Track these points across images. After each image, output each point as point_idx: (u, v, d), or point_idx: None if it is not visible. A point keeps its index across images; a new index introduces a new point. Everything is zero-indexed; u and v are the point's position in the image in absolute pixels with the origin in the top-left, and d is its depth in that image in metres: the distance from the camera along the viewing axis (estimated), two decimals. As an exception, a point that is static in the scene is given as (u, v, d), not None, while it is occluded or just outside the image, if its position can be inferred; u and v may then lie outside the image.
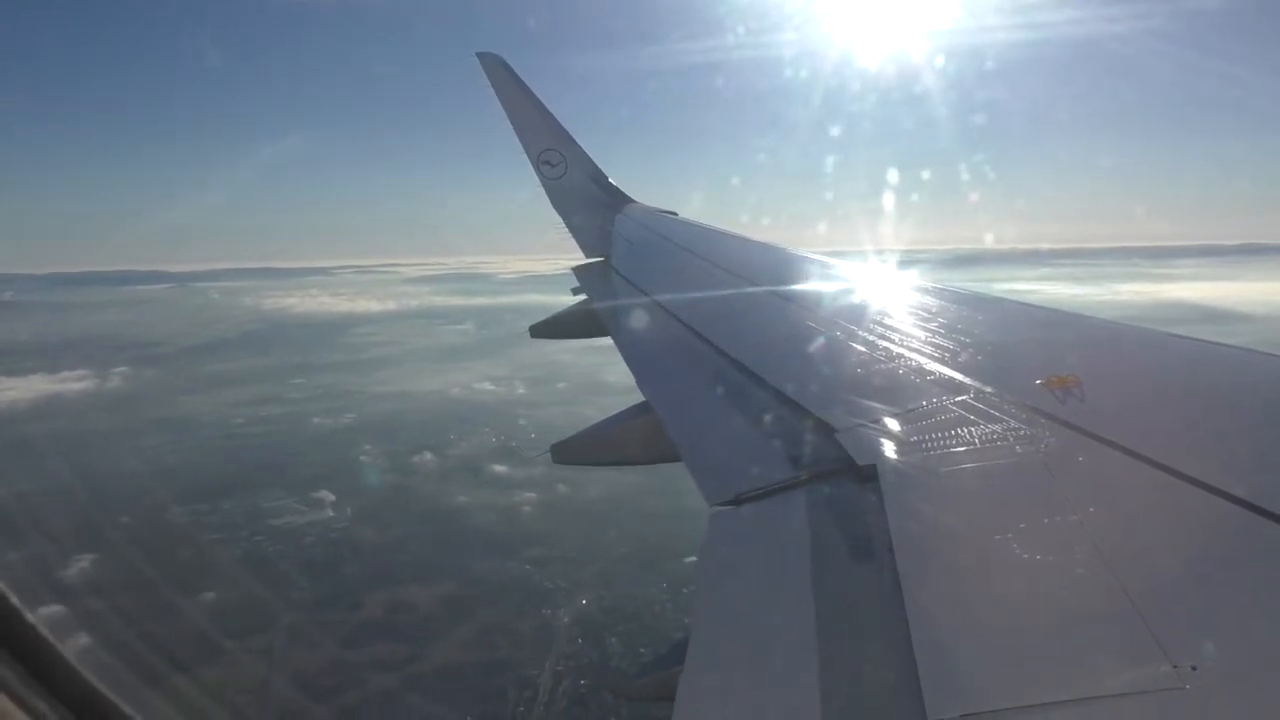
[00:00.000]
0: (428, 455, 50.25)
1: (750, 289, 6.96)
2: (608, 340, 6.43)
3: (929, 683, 1.77)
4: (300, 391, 75.68)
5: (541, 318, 8.65)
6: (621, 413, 4.83)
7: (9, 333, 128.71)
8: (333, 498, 42.52)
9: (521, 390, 72.77)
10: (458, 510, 41.90)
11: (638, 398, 4.66)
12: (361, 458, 50.66)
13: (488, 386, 74.61)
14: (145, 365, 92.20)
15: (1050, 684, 1.74)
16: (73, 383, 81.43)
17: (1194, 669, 1.69)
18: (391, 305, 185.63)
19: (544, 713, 24.66)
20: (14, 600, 1.57)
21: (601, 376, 66.95)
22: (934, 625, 2.00)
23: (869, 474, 2.88)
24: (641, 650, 28.16)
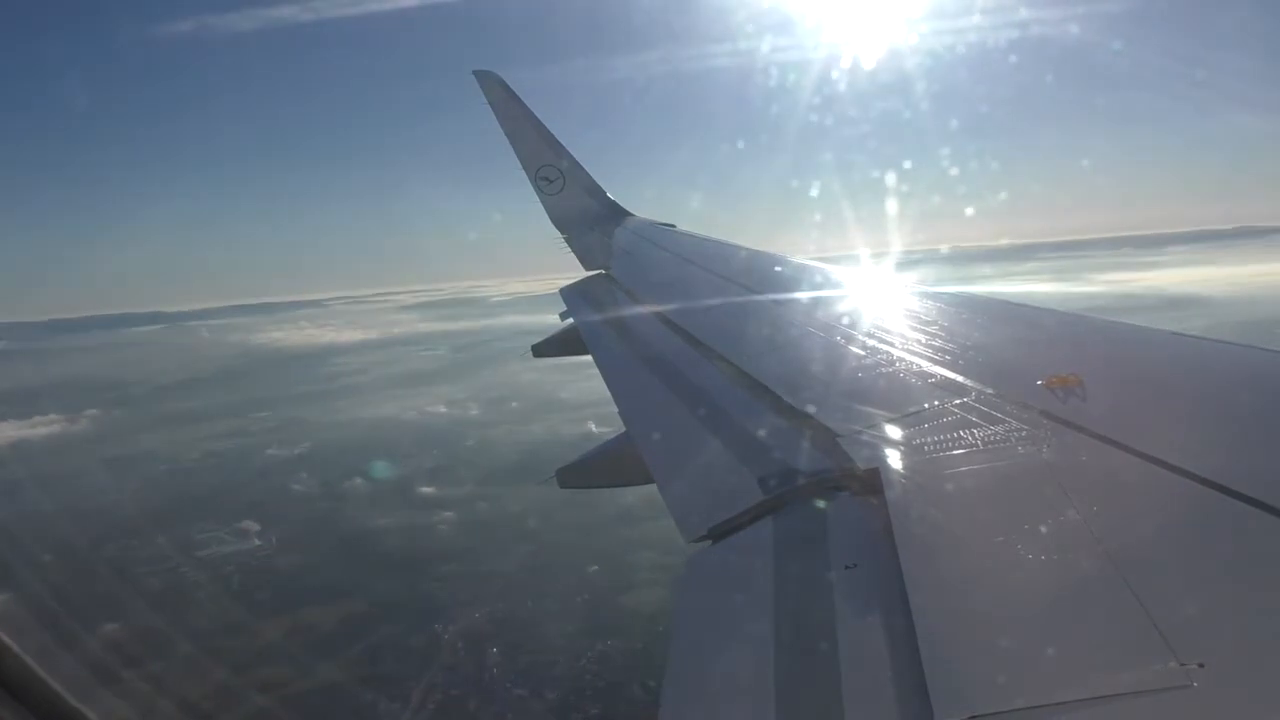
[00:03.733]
0: (358, 480, 51.15)
1: (747, 296, 6.98)
2: (589, 356, 6.39)
3: (935, 685, 1.77)
4: (262, 424, 76.61)
5: (522, 339, 8.89)
6: (625, 433, 4.62)
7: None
8: (258, 527, 43.43)
9: (475, 411, 73.80)
10: (377, 532, 42.73)
11: (590, 412, 4.95)
12: (295, 486, 51.61)
13: (441, 409, 75.59)
14: (116, 406, 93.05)
15: (1056, 684, 1.74)
16: (41, 427, 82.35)
17: (1201, 667, 1.68)
18: (375, 334, 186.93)
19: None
20: None
21: (557, 394, 68.01)
22: (939, 627, 2.00)
23: (872, 478, 2.90)
24: (520, 659, 29.11)
